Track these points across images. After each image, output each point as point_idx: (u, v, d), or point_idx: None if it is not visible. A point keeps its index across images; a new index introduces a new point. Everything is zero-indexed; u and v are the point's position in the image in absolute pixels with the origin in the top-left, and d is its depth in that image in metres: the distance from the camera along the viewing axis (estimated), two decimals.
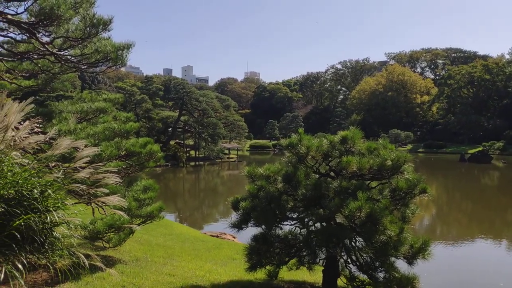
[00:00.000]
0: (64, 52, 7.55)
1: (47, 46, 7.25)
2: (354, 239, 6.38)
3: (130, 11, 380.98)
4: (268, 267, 6.92)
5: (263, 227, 6.68)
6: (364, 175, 6.44)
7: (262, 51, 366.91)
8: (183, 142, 60.03)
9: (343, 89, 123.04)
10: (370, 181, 6.68)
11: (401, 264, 6.34)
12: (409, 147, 77.61)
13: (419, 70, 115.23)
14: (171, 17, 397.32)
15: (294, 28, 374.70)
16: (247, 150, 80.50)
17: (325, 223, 6.51)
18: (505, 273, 13.08)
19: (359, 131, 6.74)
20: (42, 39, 7.22)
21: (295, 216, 6.75)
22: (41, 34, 7.16)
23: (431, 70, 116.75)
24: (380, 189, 6.71)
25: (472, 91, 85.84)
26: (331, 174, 6.78)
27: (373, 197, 6.33)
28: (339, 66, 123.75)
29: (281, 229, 6.80)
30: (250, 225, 6.80)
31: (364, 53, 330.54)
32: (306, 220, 6.62)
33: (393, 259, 6.20)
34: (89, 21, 6.96)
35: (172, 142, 57.50)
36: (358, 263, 6.51)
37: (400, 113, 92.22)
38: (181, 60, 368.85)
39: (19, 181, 3.88)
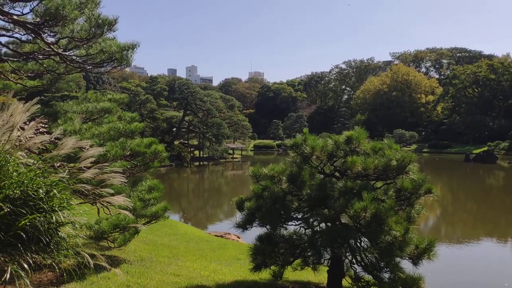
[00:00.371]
0: (69, 52, 7.57)
1: (52, 47, 7.27)
2: (359, 239, 6.34)
3: (134, 11, 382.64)
4: (273, 267, 6.90)
5: (267, 227, 6.65)
6: (369, 175, 6.41)
7: (266, 51, 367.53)
8: (187, 142, 60.16)
9: (348, 89, 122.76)
10: (375, 181, 6.65)
11: (406, 265, 6.31)
12: (413, 147, 77.42)
13: (423, 70, 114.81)
14: (176, 17, 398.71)
15: (298, 28, 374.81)
16: (251, 150, 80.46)
17: (330, 224, 6.48)
18: (510, 273, 13.01)
19: (364, 131, 6.70)
20: (47, 40, 7.23)
21: (300, 216, 6.73)
22: (46, 34, 7.17)
23: (436, 70, 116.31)
24: (385, 189, 6.68)
25: (477, 91, 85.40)
26: (336, 174, 6.76)
27: (378, 197, 6.30)
28: (343, 66, 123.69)
29: (286, 229, 6.77)
30: (254, 225, 6.77)
31: (369, 53, 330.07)
32: (311, 220, 6.59)
33: (398, 259, 6.17)
34: (94, 21, 6.97)
35: (177, 142, 57.58)
36: (363, 263, 6.48)
37: (405, 113, 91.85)
38: (185, 60, 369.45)
39: (25, 181, 3.89)
